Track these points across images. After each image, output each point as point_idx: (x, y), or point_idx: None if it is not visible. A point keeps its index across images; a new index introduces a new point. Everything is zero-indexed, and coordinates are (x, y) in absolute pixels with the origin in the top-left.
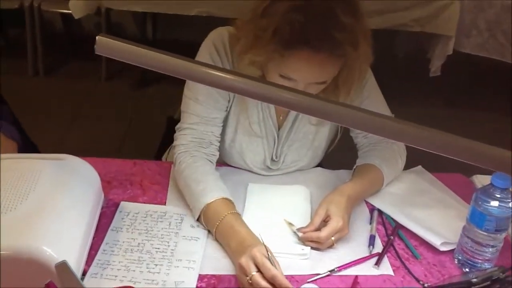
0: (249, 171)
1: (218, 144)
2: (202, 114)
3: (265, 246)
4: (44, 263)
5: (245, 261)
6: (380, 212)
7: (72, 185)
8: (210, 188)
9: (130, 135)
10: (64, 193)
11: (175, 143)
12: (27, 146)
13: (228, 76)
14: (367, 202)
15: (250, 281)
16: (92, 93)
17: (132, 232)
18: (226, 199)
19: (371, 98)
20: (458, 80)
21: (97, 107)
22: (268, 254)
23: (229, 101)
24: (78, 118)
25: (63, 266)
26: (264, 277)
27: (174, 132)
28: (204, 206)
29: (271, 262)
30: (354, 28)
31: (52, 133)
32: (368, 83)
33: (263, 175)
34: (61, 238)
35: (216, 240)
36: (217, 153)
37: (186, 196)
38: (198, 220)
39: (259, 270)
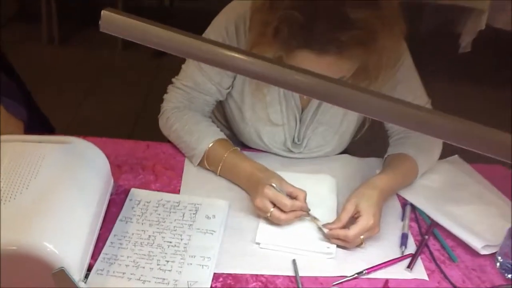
0: (268, 152)
1: (211, 109)
2: (198, 80)
3: (273, 175)
4: (45, 261)
5: (260, 201)
6: (413, 208)
7: (78, 171)
8: (205, 135)
9: (146, 108)
10: (69, 181)
11: (165, 96)
12: (37, 121)
13: (241, 56)
14: (398, 196)
15: (270, 218)
16: (108, 63)
17: (142, 223)
18: (222, 139)
19: (406, 81)
20: (488, 57)
21: (112, 78)
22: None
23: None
24: (93, 89)
25: (61, 274)
26: (282, 210)
27: None
28: (203, 154)
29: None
30: (368, 22)
31: (66, 105)
32: (404, 65)
33: (284, 156)
34: (64, 232)
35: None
36: (209, 115)
37: (181, 148)
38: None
39: (275, 205)
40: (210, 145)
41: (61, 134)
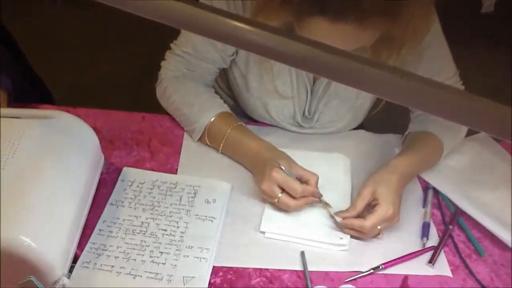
0: (276, 126)
1: (214, 77)
2: (199, 46)
3: (281, 155)
4: (23, 257)
5: (266, 185)
6: (436, 192)
7: (62, 150)
8: (206, 107)
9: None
10: (51, 161)
11: (163, 62)
12: (32, 88)
13: (238, 24)
14: (419, 178)
15: (278, 204)
16: (114, 24)
17: (135, 208)
18: (226, 113)
19: (433, 50)
20: (510, 18)
21: (118, 42)
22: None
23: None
24: (97, 53)
25: (29, 284)
26: (291, 195)
27: None
28: (205, 128)
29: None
30: None
31: (67, 70)
32: (432, 32)
33: (293, 131)
34: (44, 223)
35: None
36: (211, 84)
37: (180, 121)
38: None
39: (284, 190)
40: (212, 119)
41: (60, 102)
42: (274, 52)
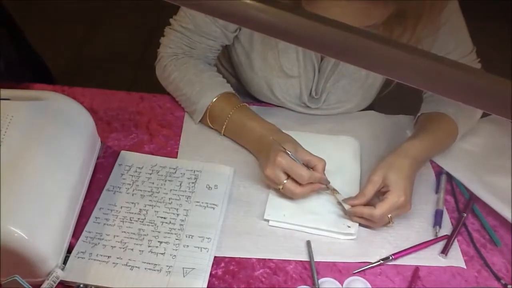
0: (281, 107)
1: (216, 55)
2: (199, 22)
3: (287, 138)
4: (14, 249)
5: (271, 171)
6: (450, 177)
7: (54, 134)
8: (208, 86)
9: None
10: (42, 146)
11: (162, 39)
12: (29, 66)
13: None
14: (432, 162)
15: (283, 190)
16: None
17: (133, 194)
18: (228, 93)
19: (449, 25)
20: None
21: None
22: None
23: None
24: (97, 26)
25: (13, 284)
26: (297, 182)
27: None
28: (206, 108)
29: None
30: None
31: (67, 46)
32: (448, 6)
33: (299, 112)
34: (35, 212)
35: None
36: (213, 64)
37: (180, 102)
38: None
39: (289, 176)
40: (214, 99)
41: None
42: (276, 29)
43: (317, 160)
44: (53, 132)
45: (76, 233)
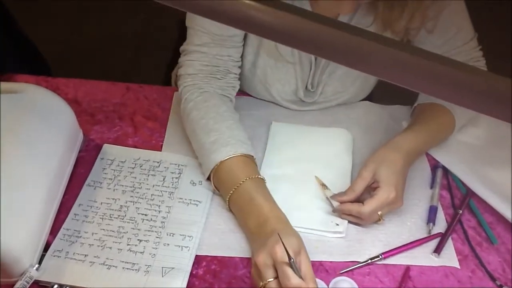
0: (275, 103)
1: (239, 70)
2: (214, 31)
3: (300, 239)
4: None
5: (262, 260)
6: (446, 171)
7: (30, 127)
8: (225, 140)
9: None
10: (17, 141)
11: (179, 71)
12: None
13: None
14: (428, 155)
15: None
16: None
17: (114, 190)
18: (246, 156)
19: (449, 10)
20: None
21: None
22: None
23: None
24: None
25: None
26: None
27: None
28: (215, 165)
29: (295, 267)
30: None
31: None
32: None
33: (293, 109)
34: (9, 209)
35: (230, 210)
36: (238, 84)
37: (194, 148)
38: (208, 179)
39: (277, 276)
40: (227, 157)
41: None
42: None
43: (312, 281)
44: (28, 125)
45: (54, 231)
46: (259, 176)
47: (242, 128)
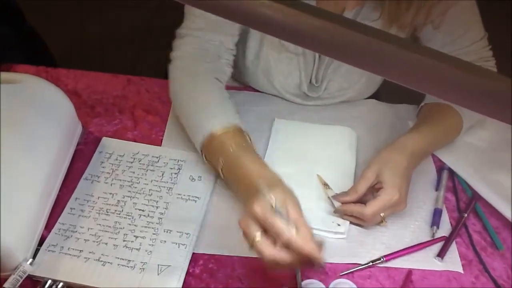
0: (278, 97)
1: (232, 57)
2: (210, 16)
3: (286, 190)
4: None
5: (244, 223)
6: (452, 174)
7: (27, 119)
8: (214, 113)
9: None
10: (11, 132)
11: (171, 54)
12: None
13: None
14: (434, 157)
15: (253, 250)
16: None
17: (111, 184)
18: (236, 127)
19: (458, 7)
20: None
21: None
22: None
23: None
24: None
25: None
26: (273, 242)
27: None
28: (205, 138)
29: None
30: None
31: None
32: None
33: (298, 103)
34: (4, 202)
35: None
36: (229, 71)
37: (185, 126)
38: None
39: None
40: (217, 129)
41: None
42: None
43: (303, 226)
44: (26, 116)
45: (50, 225)
46: (248, 144)
47: (231, 103)
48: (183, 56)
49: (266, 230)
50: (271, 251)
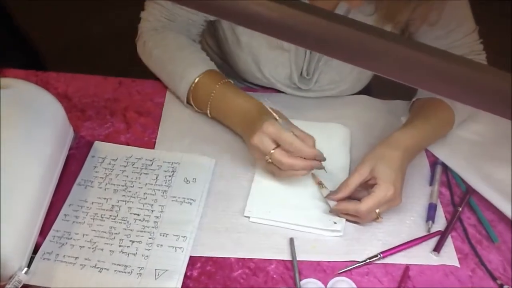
0: (271, 88)
1: (200, 32)
2: None
3: (274, 112)
4: None
5: (258, 140)
6: (445, 168)
7: (17, 124)
8: (190, 64)
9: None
10: (4, 139)
11: (142, 13)
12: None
13: None
14: (427, 152)
15: (270, 160)
16: None
17: (105, 189)
18: (211, 71)
19: (453, 1)
20: None
21: None
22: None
23: None
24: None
25: None
26: (286, 152)
27: None
28: (190, 87)
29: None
30: None
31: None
32: None
33: (289, 94)
34: None
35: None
36: (198, 39)
37: (164, 81)
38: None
39: (278, 146)
40: (197, 78)
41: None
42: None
43: (307, 136)
44: (16, 122)
45: (44, 232)
46: (227, 80)
47: (203, 53)
48: (153, 22)
49: (279, 144)
50: (287, 158)
